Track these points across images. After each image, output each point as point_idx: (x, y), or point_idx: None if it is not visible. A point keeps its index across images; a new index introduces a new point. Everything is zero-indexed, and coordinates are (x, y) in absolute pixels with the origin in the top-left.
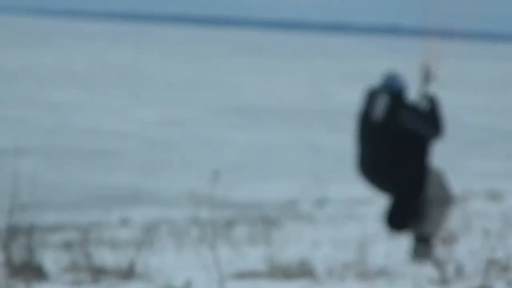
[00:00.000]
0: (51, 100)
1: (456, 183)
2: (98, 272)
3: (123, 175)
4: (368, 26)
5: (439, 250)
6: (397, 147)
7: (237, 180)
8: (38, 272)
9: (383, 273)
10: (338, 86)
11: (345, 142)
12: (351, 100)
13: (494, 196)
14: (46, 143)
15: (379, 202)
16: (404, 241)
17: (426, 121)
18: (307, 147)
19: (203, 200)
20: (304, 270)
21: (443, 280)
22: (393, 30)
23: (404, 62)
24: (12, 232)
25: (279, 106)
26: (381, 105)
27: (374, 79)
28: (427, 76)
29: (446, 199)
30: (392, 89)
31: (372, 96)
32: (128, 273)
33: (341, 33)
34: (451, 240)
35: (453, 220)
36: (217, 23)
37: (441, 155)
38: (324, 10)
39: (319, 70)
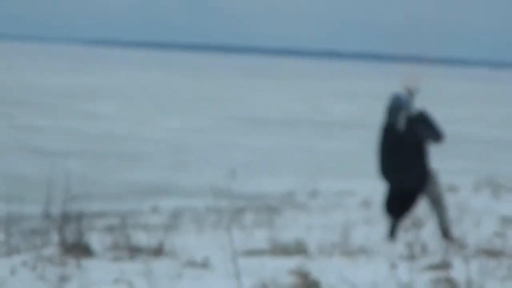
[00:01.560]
0: (95, 112)
1: None
2: (134, 250)
3: (153, 172)
4: (354, 53)
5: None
6: (414, 152)
7: (246, 176)
8: (86, 251)
9: (363, 250)
10: (329, 101)
11: (333, 146)
12: (340, 113)
13: (452, 189)
14: (91, 147)
15: (359, 194)
16: (379, 226)
17: (431, 129)
18: (302, 149)
19: (219, 192)
20: (299, 249)
21: (411, 257)
22: (375, 57)
23: (384, 83)
24: (65, 218)
25: (280, 117)
26: (402, 119)
27: (359, 97)
28: (410, 93)
29: (438, 195)
30: (406, 107)
31: (392, 114)
32: (158, 251)
33: (331, 59)
34: (418, 224)
35: (419, 209)
36: (229, 50)
37: None
38: (318, 40)
39: (314, 88)
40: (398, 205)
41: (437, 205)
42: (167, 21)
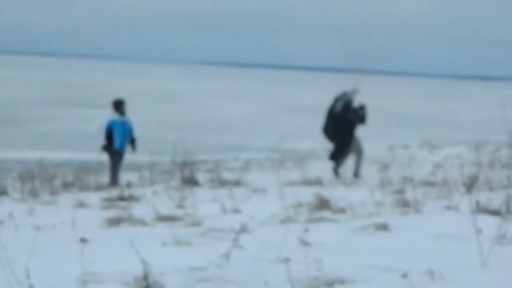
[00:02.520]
0: (203, 104)
1: (389, 141)
2: (223, 182)
3: (234, 137)
4: (342, 68)
5: (380, 173)
6: (344, 125)
7: (287, 139)
8: (195, 183)
9: (354, 183)
10: (330, 95)
11: None
12: None
13: (405, 147)
14: (199, 122)
15: None
16: (364, 169)
17: (360, 117)
18: (320, 125)
19: (273, 149)
20: (318, 181)
21: (382, 186)
22: (352, 71)
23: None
24: (184, 164)
25: (305, 106)
26: (339, 106)
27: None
28: (355, 91)
29: (360, 150)
30: (345, 99)
31: (336, 101)
32: (237, 183)
33: (329, 72)
34: (385, 168)
35: (386, 158)
36: (274, 67)
37: (383, 129)
38: (321, 59)
39: (320, 89)
40: (335, 156)
41: (356, 156)
42: (240, 48)
